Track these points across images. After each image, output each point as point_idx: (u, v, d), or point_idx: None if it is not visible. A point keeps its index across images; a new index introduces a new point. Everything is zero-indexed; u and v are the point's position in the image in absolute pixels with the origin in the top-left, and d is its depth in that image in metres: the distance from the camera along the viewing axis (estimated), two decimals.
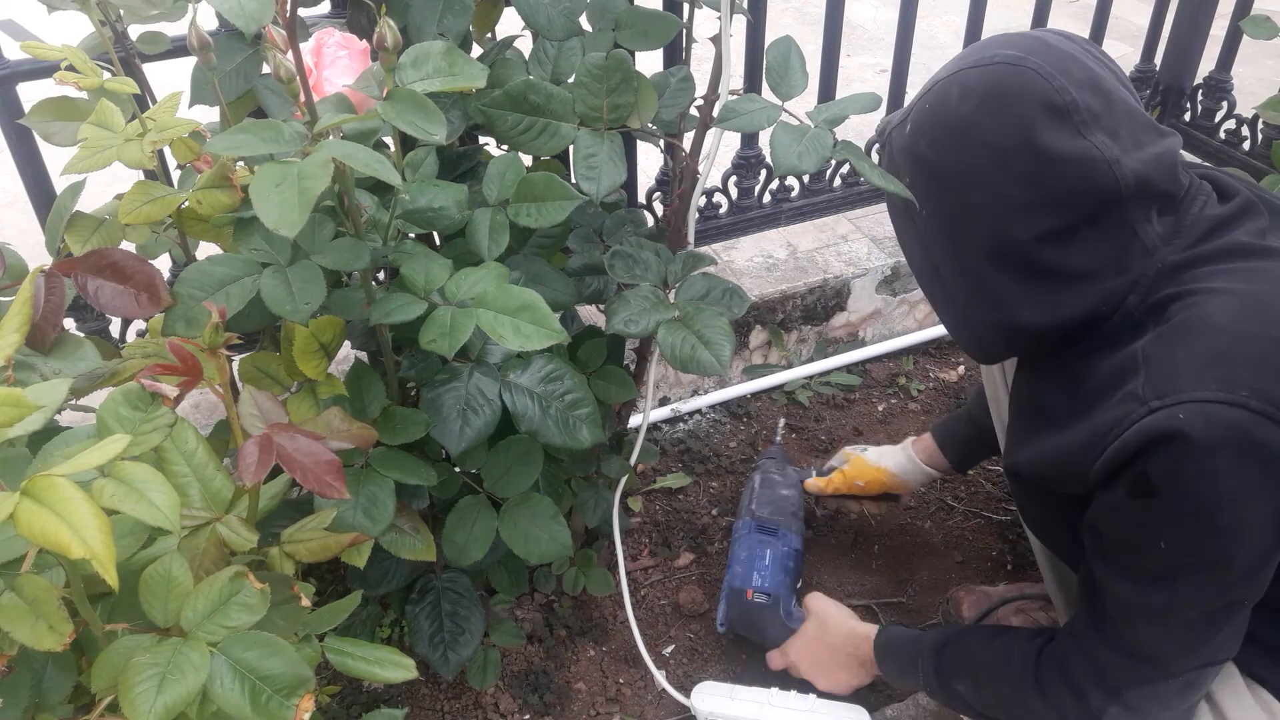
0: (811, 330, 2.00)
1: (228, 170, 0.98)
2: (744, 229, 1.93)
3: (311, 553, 0.92)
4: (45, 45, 0.97)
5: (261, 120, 0.87)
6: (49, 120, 1.08)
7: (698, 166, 1.21)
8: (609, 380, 1.31)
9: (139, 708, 0.70)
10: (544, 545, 1.19)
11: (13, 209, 2.36)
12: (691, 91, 1.23)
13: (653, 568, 1.64)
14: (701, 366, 1.09)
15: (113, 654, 0.75)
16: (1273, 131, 2.04)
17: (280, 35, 0.88)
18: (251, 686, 0.74)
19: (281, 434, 0.80)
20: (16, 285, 0.94)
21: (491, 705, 1.43)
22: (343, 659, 0.90)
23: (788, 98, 1.09)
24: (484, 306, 0.96)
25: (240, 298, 0.94)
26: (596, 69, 1.09)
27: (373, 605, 1.35)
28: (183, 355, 0.79)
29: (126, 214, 0.96)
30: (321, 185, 0.79)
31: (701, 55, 1.12)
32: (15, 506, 0.59)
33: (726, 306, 1.18)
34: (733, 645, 1.53)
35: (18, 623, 0.68)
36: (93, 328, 1.50)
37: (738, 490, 1.77)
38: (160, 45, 1.15)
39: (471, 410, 1.06)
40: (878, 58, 3.40)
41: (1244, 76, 2.21)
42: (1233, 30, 2.08)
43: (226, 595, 0.77)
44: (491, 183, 1.09)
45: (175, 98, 1.01)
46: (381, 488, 1.05)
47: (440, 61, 0.93)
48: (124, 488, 0.66)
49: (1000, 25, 1.46)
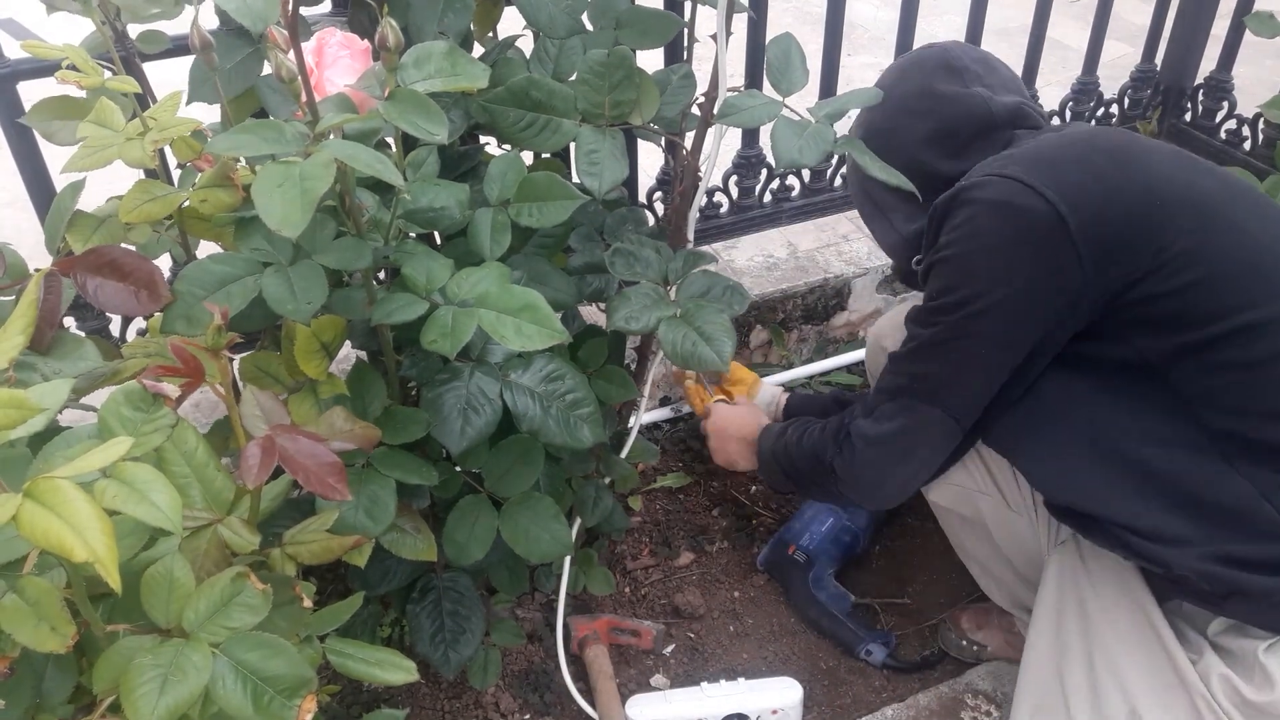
0: (812, 330, 2.00)
1: (229, 169, 0.98)
2: (745, 228, 1.92)
3: (314, 555, 0.92)
4: (46, 44, 0.97)
5: (263, 120, 0.87)
6: (50, 119, 1.08)
7: (699, 165, 1.21)
8: (610, 380, 1.31)
9: (141, 709, 0.69)
10: (545, 545, 1.18)
11: (12, 208, 2.35)
12: (693, 89, 1.23)
13: (653, 568, 1.64)
14: (702, 363, 1.09)
15: (114, 655, 0.75)
16: (1274, 131, 2.04)
17: (282, 35, 0.87)
18: (254, 688, 0.74)
19: (284, 435, 0.80)
20: (16, 285, 0.94)
21: (492, 705, 1.43)
22: (344, 660, 0.90)
23: (788, 93, 1.09)
24: (485, 306, 0.96)
25: (242, 297, 0.94)
26: (599, 65, 1.09)
27: (373, 605, 1.35)
28: (184, 356, 0.78)
29: (127, 213, 0.96)
30: (324, 186, 0.79)
31: (703, 54, 1.12)
32: (18, 508, 0.59)
33: (727, 304, 1.18)
34: (733, 645, 1.53)
35: (20, 624, 0.68)
36: (92, 327, 1.49)
37: (738, 490, 1.77)
38: (160, 44, 1.15)
39: (472, 410, 1.06)
40: (878, 57, 3.40)
41: (1244, 76, 2.20)
42: (1233, 30, 2.07)
43: (228, 596, 0.77)
44: (493, 182, 1.09)
45: (176, 97, 1.00)
46: (383, 487, 1.05)
47: (442, 61, 0.93)
48: (125, 489, 0.66)
49: (1000, 25, 1.46)
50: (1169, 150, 1.16)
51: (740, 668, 1.50)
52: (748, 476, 1.79)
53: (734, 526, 1.72)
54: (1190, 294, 1.04)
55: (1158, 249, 1.04)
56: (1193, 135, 2.21)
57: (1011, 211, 1.06)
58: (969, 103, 1.21)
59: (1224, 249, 1.05)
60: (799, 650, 1.53)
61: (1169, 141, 2.26)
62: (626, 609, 1.58)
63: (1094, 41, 2.09)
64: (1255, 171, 1.63)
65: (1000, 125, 1.21)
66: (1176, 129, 2.26)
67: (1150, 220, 1.05)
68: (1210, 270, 1.04)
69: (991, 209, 1.08)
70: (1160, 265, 1.04)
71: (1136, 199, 1.06)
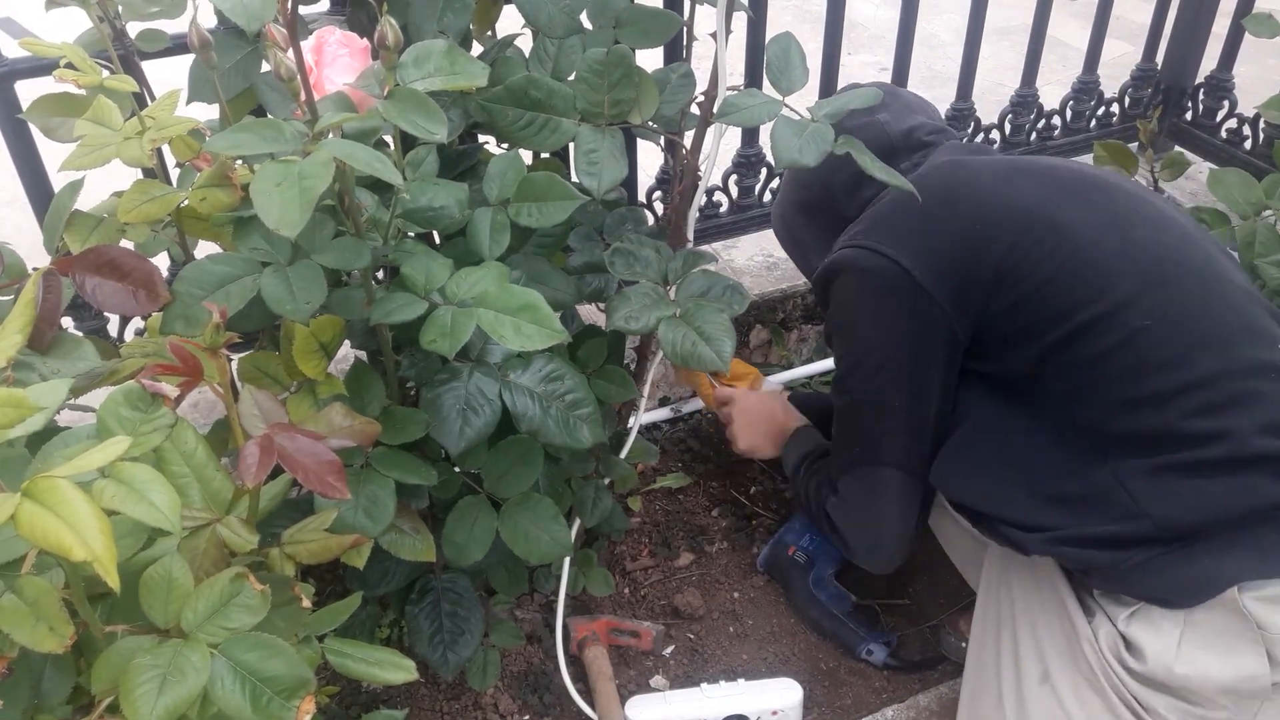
0: (812, 329, 2.00)
1: (227, 169, 0.98)
2: (745, 228, 1.92)
3: (312, 554, 0.92)
4: (44, 42, 0.96)
5: (262, 119, 0.87)
6: (49, 115, 1.08)
7: (698, 164, 1.21)
8: (609, 380, 1.30)
9: (140, 709, 0.69)
10: (544, 545, 1.18)
11: (11, 207, 2.35)
12: (692, 88, 1.23)
13: (652, 568, 1.64)
14: (702, 362, 1.09)
15: (113, 655, 0.75)
16: (1274, 131, 2.04)
17: (281, 33, 0.87)
18: (252, 688, 0.74)
19: (282, 434, 0.79)
20: (14, 285, 0.94)
21: (491, 705, 1.43)
22: (343, 660, 0.90)
23: (788, 92, 1.09)
24: (485, 306, 0.96)
25: (240, 297, 0.93)
26: (598, 64, 1.09)
27: (372, 605, 1.34)
28: (183, 355, 0.78)
29: (126, 212, 0.96)
30: (323, 185, 0.79)
31: (702, 53, 1.12)
32: (16, 508, 0.59)
33: (727, 303, 1.18)
34: (733, 646, 1.53)
35: (18, 624, 0.68)
36: (90, 326, 1.49)
37: (738, 490, 1.77)
38: (159, 43, 1.15)
39: (472, 410, 1.06)
40: (878, 56, 3.40)
41: (1245, 75, 2.20)
42: (1234, 29, 2.07)
43: (227, 596, 0.77)
44: (492, 182, 1.09)
45: (174, 95, 1.00)
46: (382, 488, 1.05)
47: (442, 60, 0.93)
48: (124, 489, 0.66)
49: (1001, 24, 1.45)
50: (996, 165, 1.25)
51: (740, 668, 1.49)
52: (747, 476, 1.79)
53: (734, 527, 1.71)
54: (1030, 304, 1.12)
55: (991, 268, 1.14)
56: (1193, 134, 2.21)
57: (867, 275, 1.20)
58: (870, 131, 1.31)
59: (1044, 254, 1.13)
60: (799, 651, 1.53)
61: (1171, 140, 2.26)
62: (626, 610, 1.58)
63: (1094, 40, 2.09)
64: (1255, 170, 1.63)
65: (896, 149, 1.32)
66: (1177, 128, 2.26)
67: (973, 244, 1.15)
68: (1039, 278, 1.12)
69: (852, 277, 1.22)
70: (998, 282, 1.13)
71: (961, 230, 1.17)
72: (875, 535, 1.31)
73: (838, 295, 1.25)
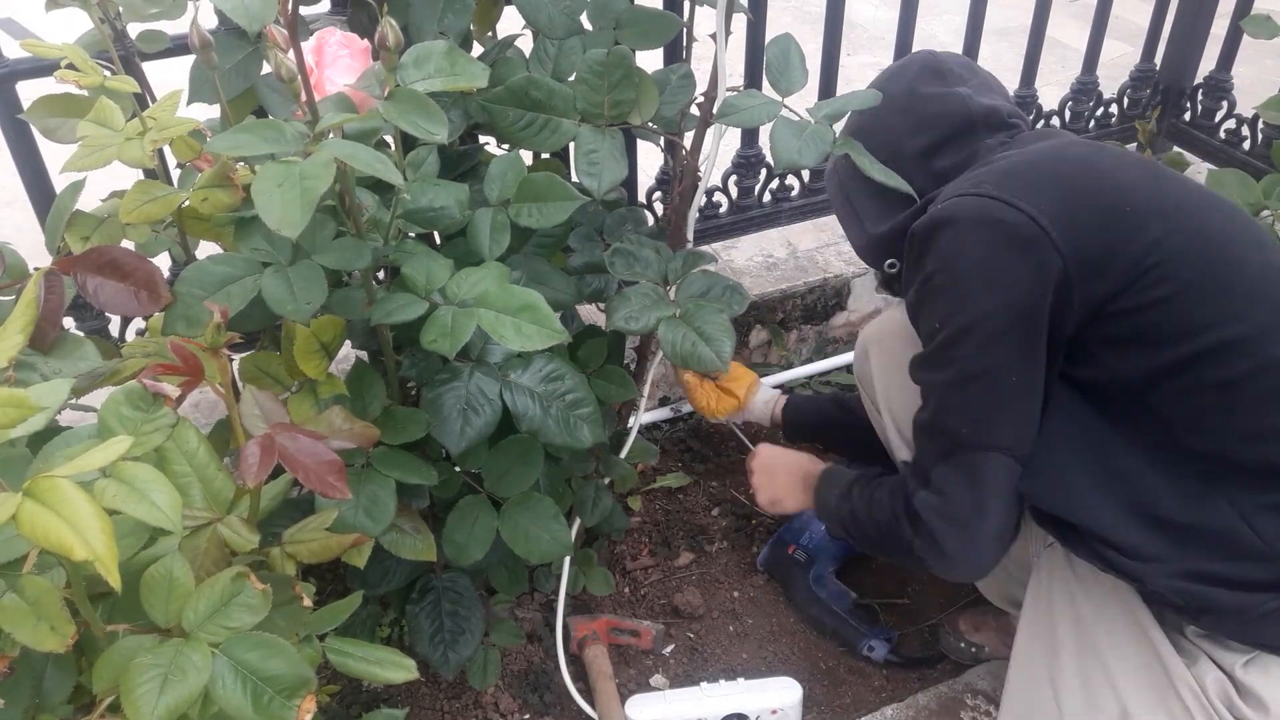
0: (811, 330, 2.00)
1: (228, 169, 0.98)
2: (744, 228, 1.92)
3: (313, 553, 0.92)
4: (45, 43, 0.97)
5: (263, 120, 0.87)
6: (49, 116, 1.08)
7: (698, 165, 1.21)
8: (609, 380, 1.31)
9: (141, 709, 0.69)
10: (544, 545, 1.18)
11: (11, 207, 2.36)
12: (692, 89, 1.23)
13: (652, 568, 1.64)
14: (702, 362, 1.10)
15: (114, 655, 0.75)
16: (1273, 131, 2.04)
17: (281, 34, 0.87)
18: (253, 688, 0.74)
19: (283, 434, 0.80)
20: (15, 285, 0.94)
21: (491, 705, 1.43)
22: (344, 659, 0.90)
23: (788, 93, 1.09)
24: (485, 306, 0.96)
25: (241, 297, 0.94)
26: (598, 65, 1.09)
27: (372, 605, 1.35)
28: (184, 355, 0.78)
29: (127, 213, 0.96)
30: (324, 185, 0.79)
31: (702, 54, 1.12)
32: (18, 508, 0.59)
33: (727, 304, 1.18)
34: (733, 645, 1.53)
35: (20, 624, 0.68)
36: (92, 326, 1.49)
37: (737, 490, 1.77)
38: (160, 43, 1.15)
39: (472, 410, 1.06)
40: (878, 57, 3.40)
41: (1244, 76, 2.20)
42: (1233, 30, 2.08)
43: (228, 596, 0.77)
44: (493, 182, 1.09)
45: (175, 96, 1.00)
46: (383, 487, 1.05)
47: (442, 61, 0.93)
48: (125, 488, 0.66)
49: (1000, 24, 1.46)
50: (1135, 159, 1.15)
51: (740, 668, 1.50)
52: (746, 477, 1.79)
53: (733, 526, 1.72)
54: (1161, 309, 1.02)
55: (1132, 259, 1.02)
56: (1192, 135, 2.21)
57: (993, 223, 1.05)
58: (949, 102, 1.22)
59: (1190, 258, 1.03)
60: (798, 650, 1.53)
61: (1169, 141, 2.26)
62: (626, 609, 1.58)
63: (1093, 41, 2.09)
64: (1254, 171, 1.63)
65: (977, 125, 1.21)
66: (1176, 129, 2.26)
67: (1119, 227, 1.04)
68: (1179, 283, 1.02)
69: (973, 226, 1.06)
70: (1137, 276, 1.02)
71: (1107, 206, 1.05)
72: (972, 534, 1.12)
73: (946, 248, 1.08)
